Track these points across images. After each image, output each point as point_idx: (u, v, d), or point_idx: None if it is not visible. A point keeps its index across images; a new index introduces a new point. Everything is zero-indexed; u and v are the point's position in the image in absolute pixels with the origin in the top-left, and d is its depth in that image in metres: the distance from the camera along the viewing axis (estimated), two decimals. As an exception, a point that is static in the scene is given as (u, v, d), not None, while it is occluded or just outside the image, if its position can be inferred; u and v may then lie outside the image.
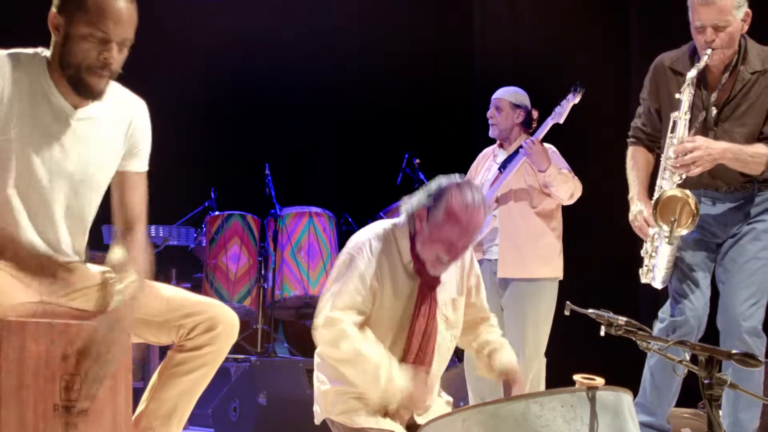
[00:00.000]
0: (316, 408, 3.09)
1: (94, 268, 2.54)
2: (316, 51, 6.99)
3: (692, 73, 3.36)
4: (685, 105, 3.38)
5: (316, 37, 7.01)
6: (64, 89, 2.38)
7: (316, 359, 3.07)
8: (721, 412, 3.44)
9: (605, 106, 6.06)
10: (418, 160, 5.86)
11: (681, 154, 3.32)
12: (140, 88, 2.65)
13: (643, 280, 3.47)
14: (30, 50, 2.40)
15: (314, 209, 6.00)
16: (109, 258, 2.50)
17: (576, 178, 4.41)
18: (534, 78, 5.41)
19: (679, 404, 3.74)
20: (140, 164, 2.60)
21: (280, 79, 7.04)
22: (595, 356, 3.94)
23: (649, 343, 2.41)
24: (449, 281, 3.08)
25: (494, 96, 4.64)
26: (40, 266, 2.33)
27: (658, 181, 3.43)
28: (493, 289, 4.26)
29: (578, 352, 4.80)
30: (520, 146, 4.43)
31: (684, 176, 3.35)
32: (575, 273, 4.78)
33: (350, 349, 2.84)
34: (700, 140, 3.34)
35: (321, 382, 3.04)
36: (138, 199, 2.58)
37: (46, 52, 2.40)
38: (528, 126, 4.60)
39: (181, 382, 2.50)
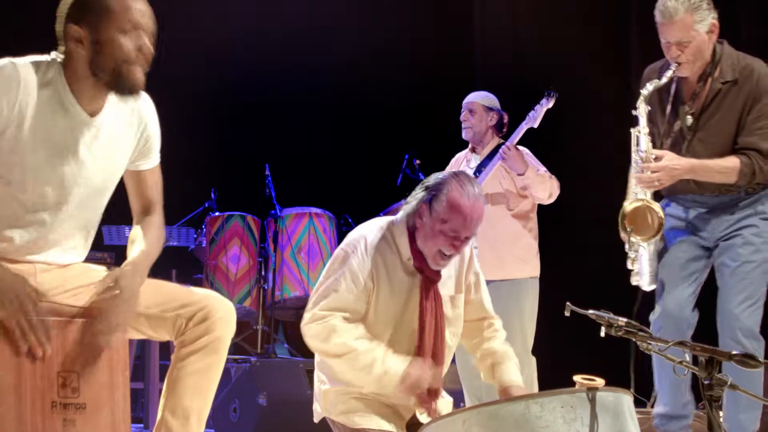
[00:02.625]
0: (315, 406, 3.08)
1: (93, 267, 2.55)
2: (316, 51, 6.98)
3: (648, 89, 3.47)
4: (643, 120, 3.48)
5: (316, 38, 7.01)
6: (84, 97, 2.39)
7: (317, 358, 3.06)
8: (721, 413, 3.46)
9: (605, 106, 6.06)
10: (418, 161, 5.85)
11: (646, 170, 3.42)
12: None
13: (633, 282, 3.53)
14: (47, 57, 2.40)
15: (314, 210, 6.00)
16: (130, 236, 2.61)
17: (553, 177, 4.51)
18: (534, 78, 5.41)
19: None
20: (153, 160, 2.65)
21: (280, 80, 7.04)
22: (594, 356, 3.94)
23: (649, 344, 2.41)
24: (447, 278, 3.06)
25: (466, 100, 4.74)
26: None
27: (633, 188, 3.50)
28: None
29: (577, 352, 4.81)
30: (494, 150, 4.54)
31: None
32: (576, 272, 4.79)
33: (341, 342, 2.82)
34: (667, 158, 3.42)
35: (321, 382, 3.04)
36: (154, 188, 2.67)
37: (60, 58, 2.40)
38: (500, 129, 4.71)
39: (189, 379, 2.48)
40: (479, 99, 4.70)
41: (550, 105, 4.52)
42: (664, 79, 3.45)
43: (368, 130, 7.04)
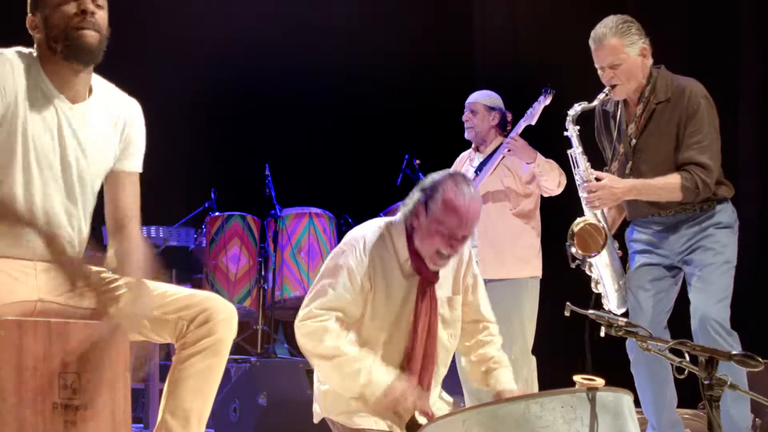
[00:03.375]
0: (315, 407, 3.08)
1: (92, 268, 2.55)
2: (316, 51, 6.98)
3: (575, 110, 3.67)
4: (575, 141, 3.68)
5: (316, 37, 7.01)
6: (60, 84, 2.42)
7: (316, 359, 3.06)
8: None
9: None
10: (418, 161, 5.85)
11: (588, 191, 3.59)
12: (140, 88, 2.65)
13: (606, 306, 3.66)
14: (24, 49, 2.45)
15: (314, 210, 5.99)
16: (107, 262, 2.54)
17: (559, 167, 4.50)
18: (534, 78, 5.41)
19: (679, 405, 3.74)
20: (133, 164, 2.64)
21: (280, 79, 7.04)
22: (594, 356, 3.94)
23: (648, 343, 2.41)
24: (445, 279, 3.06)
25: (468, 100, 4.74)
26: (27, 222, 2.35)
27: (585, 211, 3.67)
28: None
29: (577, 352, 4.80)
30: (497, 148, 4.52)
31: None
32: (576, 272, 4.77)
33: (332, 344, 2.82)
34: (607, 180, 3.59)
35: (321, 382, 3.03)
36: (131, 198, 2.62)
37: (35, 53, 2.45)
38: (503, 128, 4.72)
39: (190, 380, 2.49)
40: (481, 99, 4.68)
41: (548, 102, 4.52)
42: (596, 102, 3.67)
43: (368, 130, 7.04)
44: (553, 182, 4.46)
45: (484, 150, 4.68)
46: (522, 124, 4.53)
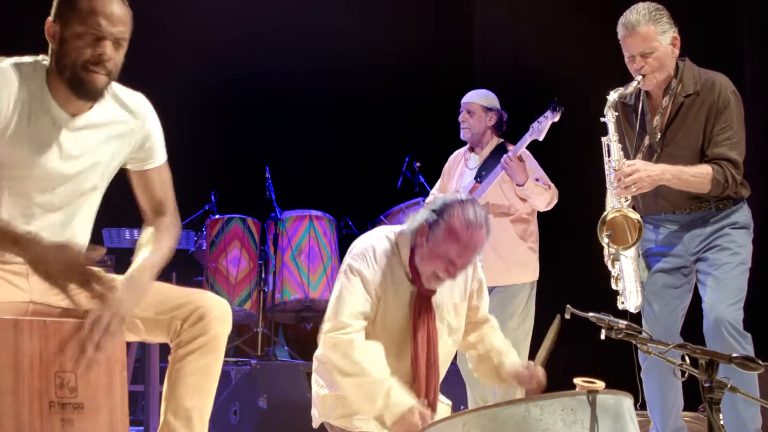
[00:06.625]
0: (313, 411, 3.07)
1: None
2: (316, 52, 6.98)
3: (612, 96, 3.56)
4: (612, 127, 3.56)
5: (316, 38, 7.01)
6: (62, 97, 2.38)
7: (315, 363, 3.06)
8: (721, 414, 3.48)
9: (604, 107, 6.05)
10: (418, 163, 5.86)
11: (621, 177, 3.46)
12: (140, 89, 2.64)
13: (620, 306, 3.56)
14: (30, 58, 2.41)
15: (315, 212, 5.99)
16: (140, 239, 2.60)
17: (552, 186, 4.48)
18: (534, 79, 5.41)
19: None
20: (159, 159, 2.64)
21: (280, 81, 7.04)
22: (594, 359, 3.93)
23: (649, 347, 2.40)
24: (453, 286, 3.07)
25: (465, 99, 4.68)
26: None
27: (607, 205, 3.56)
28: None
29: (577, 354, 4.80)
30: (494, 152, 4.51)
31: (629, 198, 3.52)
32: (576, 273, 4.77)
33: (356, 361, 2.81)
34: (639, 164, 3.48)
35: (320, 386, 3.03)
36: (161, 187, 2.65)
37: (47, 60, 2.41)
38: (499, 129, 4.66)
39: (188, 379, 2.48)
40: (477, 99, 4.64)
41: (556, 119, 4.42)
42: (630, 89, 3.54)
43: (368, 132, 7.04)
44: (541, 203, 4.46)
45: (480, 151, 4.65)
46: (527, 139, 4.43)
